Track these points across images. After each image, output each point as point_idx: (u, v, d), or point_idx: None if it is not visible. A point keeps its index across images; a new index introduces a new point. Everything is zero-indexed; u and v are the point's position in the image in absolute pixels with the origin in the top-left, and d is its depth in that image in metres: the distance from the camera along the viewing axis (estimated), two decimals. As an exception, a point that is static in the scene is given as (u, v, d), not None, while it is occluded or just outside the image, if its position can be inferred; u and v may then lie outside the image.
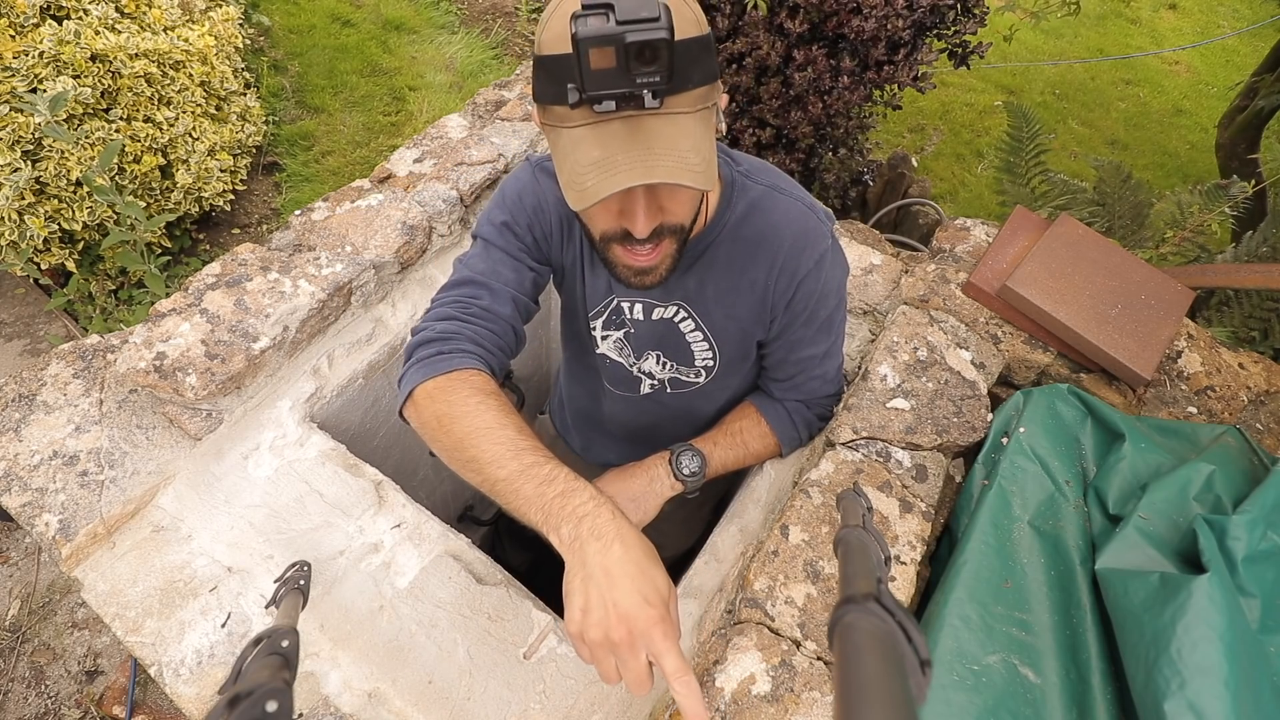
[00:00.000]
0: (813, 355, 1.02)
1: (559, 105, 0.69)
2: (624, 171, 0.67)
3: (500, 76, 2.59)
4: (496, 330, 0.91)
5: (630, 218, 0.76)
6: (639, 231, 0.76)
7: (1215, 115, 3.38)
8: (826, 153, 2.43)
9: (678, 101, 0.68)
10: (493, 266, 0.94)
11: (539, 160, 0.99)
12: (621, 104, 0.65)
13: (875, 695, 0.37)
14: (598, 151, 0.68)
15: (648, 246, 0.80)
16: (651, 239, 0.79)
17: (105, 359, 1.08)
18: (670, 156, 0.68)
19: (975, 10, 2.03)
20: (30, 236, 2.07)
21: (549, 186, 0.96)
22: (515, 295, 0.94)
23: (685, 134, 0.69)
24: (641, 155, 0.68)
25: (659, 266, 0.84)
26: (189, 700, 0.85)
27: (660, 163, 0.68)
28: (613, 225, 0.79)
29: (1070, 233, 1.26)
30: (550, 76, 0.68)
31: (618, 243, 0.81)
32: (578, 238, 0.98)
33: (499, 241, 0.95)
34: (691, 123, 0.70)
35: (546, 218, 0.97)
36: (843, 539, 0.67)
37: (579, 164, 0.69)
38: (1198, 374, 1.19)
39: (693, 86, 0.69)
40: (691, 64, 0.67)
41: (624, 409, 1.17)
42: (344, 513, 1.00)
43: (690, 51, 0.67)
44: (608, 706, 0.87)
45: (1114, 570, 0.86)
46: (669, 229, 0.80)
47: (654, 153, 0.68)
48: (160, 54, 2.28)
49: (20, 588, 1.92)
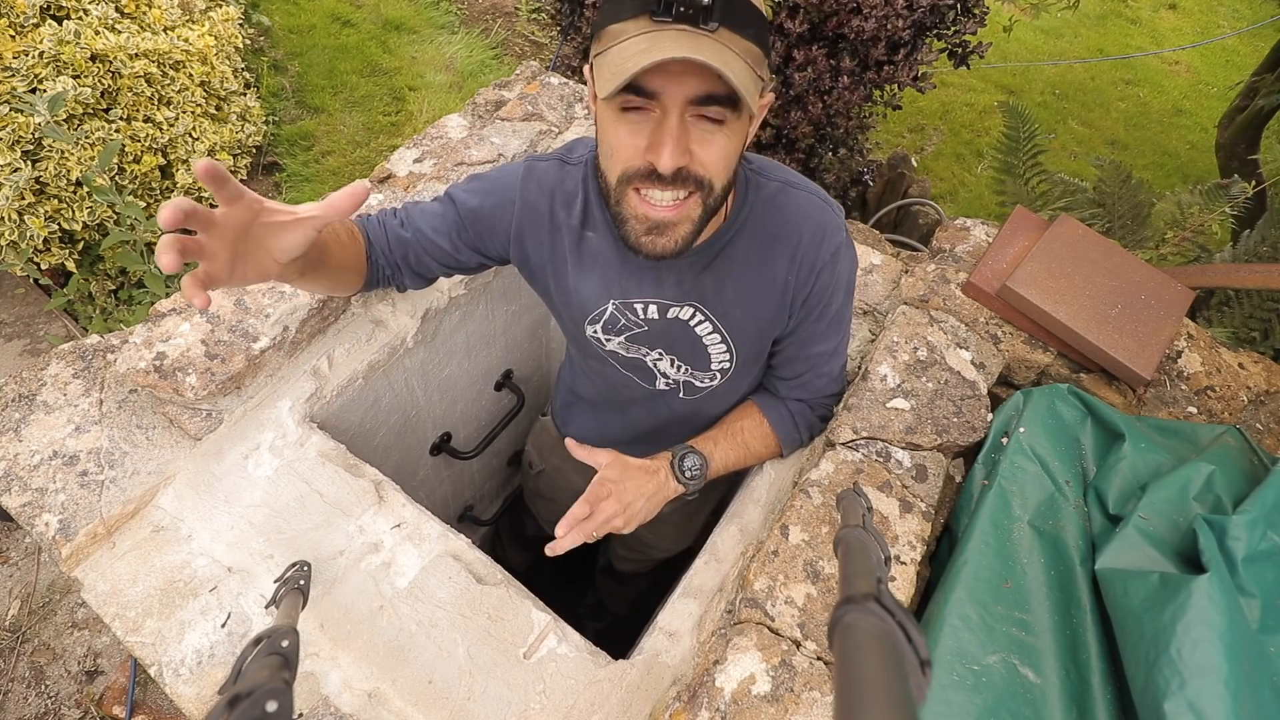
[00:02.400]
0: (822, 352, 1.02)
1: (618, 22, 0.71)
2: (670, 49, 0.66)
3: (500, 76, 2.59)
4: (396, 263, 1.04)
5: (657, 149, 0.73)
6: (665, 163, 0.72)
7: (1215, 115, 3.38)
8: (826, 153, 2.43)
9: (730, 39, 0.70)
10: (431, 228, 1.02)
11: (534, 159, 0.99)
12: (681, 12, 0.67)
13: (875, 695, 0.37)
14: (645, 44, 0.68)
15: (669, 197, 0.77)
16: (676, 184, 0.75)
17: (105, 359, 1.08)
18: (717, 58, 0.68)
19: (975, 10, 2.03)
20: (30, 236, 2.07)
21: (533, 187, 0.97)
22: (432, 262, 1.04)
23: (735, 58, 0.70)
24: (691, 47, 0.67)
25: (679, 225, 0.79)
26: (189, 700, 0.85)
27: (710, 56, 0.67)
28: (636, 160, 0.76)
29: (1070, 233, 1.26)
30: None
31: (635, 187, 0.77)
32: (564, 238, 0.98)
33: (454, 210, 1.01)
34: (737, 60, 0.70)
35: (509, 216, 0.99)
36: (843, 539, 0.68)
37: (623, 56, 0.70)
38: (1198, 374, 1.19)
39: (747, 36, 0.71)
40: (750, 15, 0.71)
41: (635, 406, 1.16)
42: (344, 513, 1.00)
43: (751, 9, 0.72)
44: (608, 707, 0.87)
45: (1114, 570, 0.86)
46: (695, 178, 0.76)
47: (704, 51, 0.68)
48: (160, 54, 2.28)
49: (20, 588, 1.92)
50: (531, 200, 0.97)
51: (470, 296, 1.35)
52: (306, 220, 0.76)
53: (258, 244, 0.76)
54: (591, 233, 0.96)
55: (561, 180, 0.97)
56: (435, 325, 1.29)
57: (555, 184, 0.97)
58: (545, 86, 1.56)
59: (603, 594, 1.90)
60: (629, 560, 1.63)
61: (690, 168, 0.75)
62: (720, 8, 0.68)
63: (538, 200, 0.97)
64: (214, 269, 0.71)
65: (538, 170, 0.98)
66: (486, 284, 1.38)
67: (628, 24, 0.71)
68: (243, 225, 0.73)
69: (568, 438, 1.05)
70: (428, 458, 1.53)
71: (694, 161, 0.75)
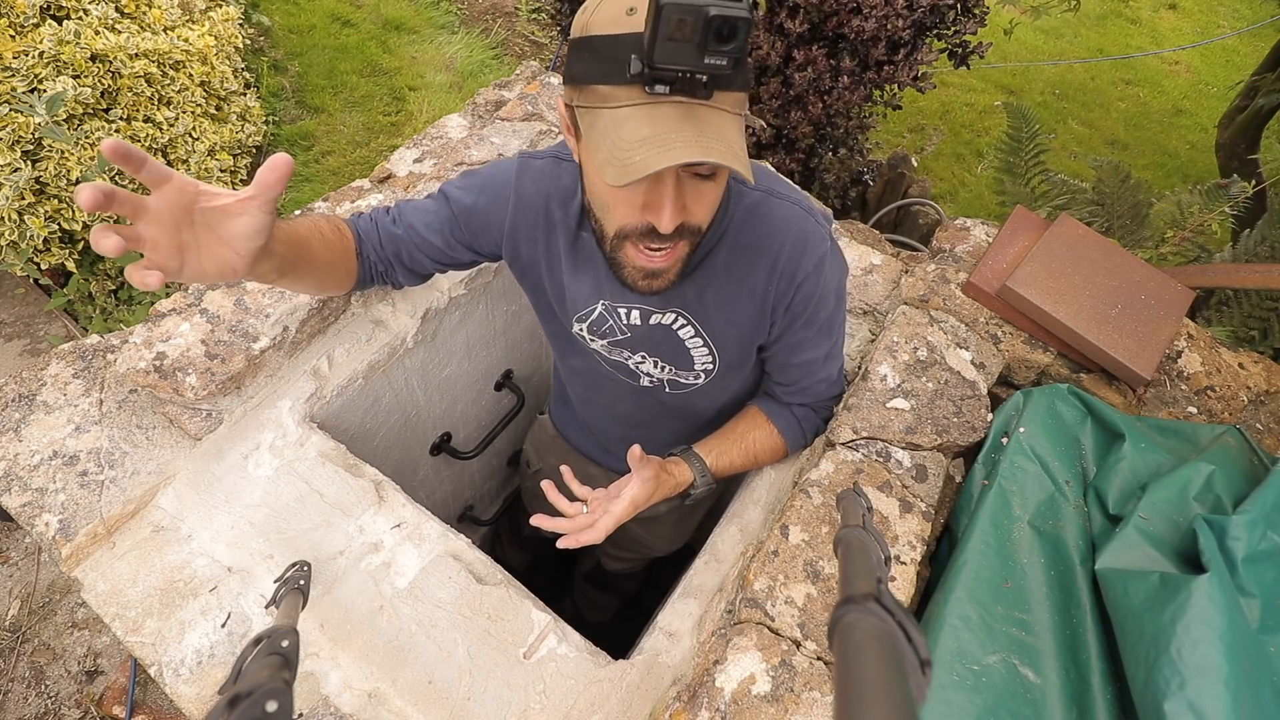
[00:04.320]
0: (814, 358, 1.02)
1: (606, 84, 0.69)
2: (679, 148, 0.66)
3: (500, 76, 2.59)
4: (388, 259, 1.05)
5: (656, 210, 0.74)
6: (664, 225, 0.74)
7: (1215, 115, 3.38)
8: (826, 153, 2.43)
9: (724, 99, 0.69)
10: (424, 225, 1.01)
11: (529, 156, 0.99)
12: (676, 89, 0.66)
13: (875, 695, 0.37)
14: (648, 129, 0.67)
15: (665, 248, 0.79)
16: (671, 238, 0.77)
17: (105, 359, 1.08)
18: (721, 142, 0.68)
19: (975, 10, 2.03)
20: (30, 236, 2.07)
21: (528, 184, 0.97)
22: (425, 259, 1.04)
23: (731, 128, 0.70)
24: (695, 135, 0.67)
25: (670, 270, 0.82)
26: (189, 700, 0.85)
27: (714, 145, 0.67)
28: (633, 219, 0.77)
29: (1070, 233, 1.26)
30: (600, 56, 0.68)
31: (633, 241, 0.79)
32: (559, 236, 0.98)
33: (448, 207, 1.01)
34: (734, 122, 0.70)
35: (503, 213, 0.98)
36: (843, 539, 0.68)
37: (625, 140, 0.68)
38: (1198, 374, 1.19)
39: (737, 89, 0.70)
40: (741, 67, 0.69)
41: (623, 400, 1.16)
42: (344, 513, 1.00)
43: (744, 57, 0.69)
44: (608, 707, 0.87)
45: (1114, 570, 0.86)
46: (688, 230, 0.78)
47: (706, 135, 0.67)
48: (160, 54, 2.28)
49: (20, 588, 1.92)
50: (526, 197, 0.97)
51: (470, 296, 1.35)
52: (248, 201, 0.72)
53: (208, 233, 0.72)
54: (586, 233, 0.96)
55: (557, 177, 0.97)
56: (435, 325, 1.29)
57: (551, 181, 0.97)
58: (545, 86, 1.56)
59: (581, 604, 1.88)
60: (620, 559, 1.62)
61: (686, 221, 0.77)
62: (728, 73, 0.66)
63: (532, 197, 0.97)
64: (158, 259, 0.69)
65: (532, 167, 0.98)
66: (487, 284, 1.38)
67: (619, 90, 0.68)
68: (179, 210, 0.69)
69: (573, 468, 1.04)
70: (428, 458, 1.53)
71: (688, 214, 0.77)
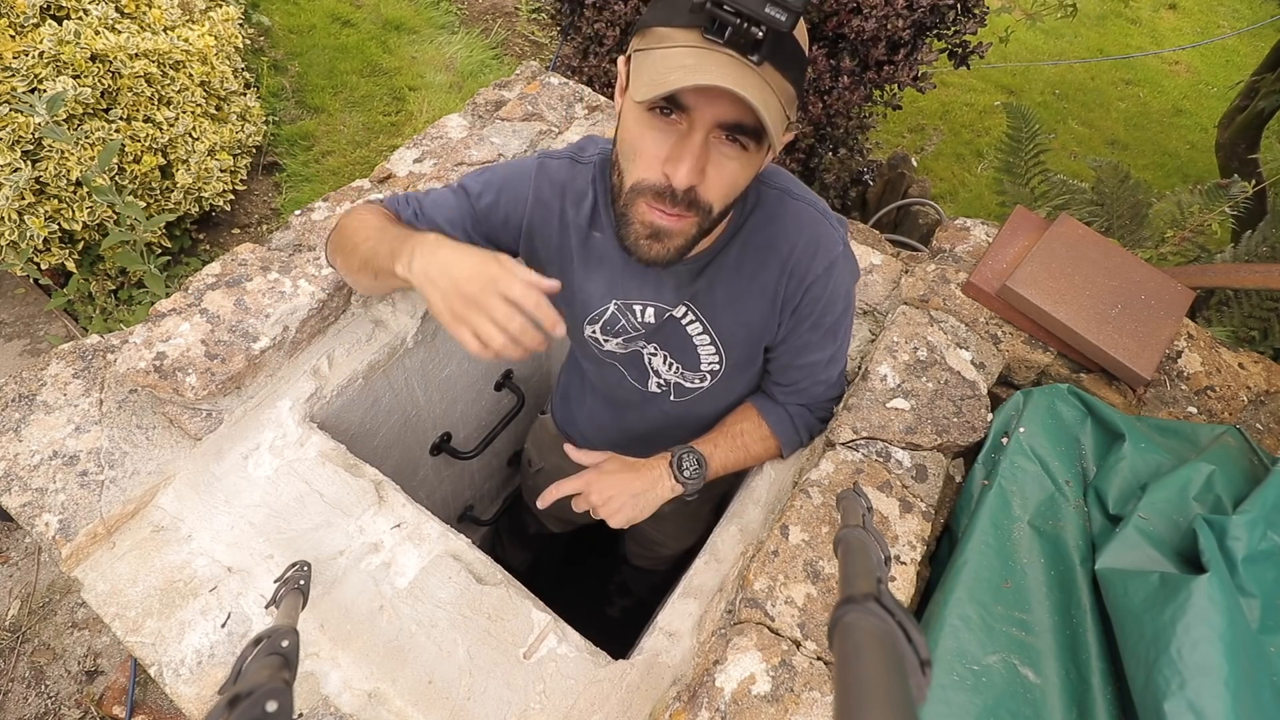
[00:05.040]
0: (817, 361, 1.02)
1: (666, 26, 0.72)
2: (715, 75, 0.67)
3: (500, 76, 2.58)
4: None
5: (675, 163, 0.74)
6: (680, 178, 0.74)
7: (1215, 115, 3.38)
8: (826, 153, 2.43)
9: (773, 76, 0.71)
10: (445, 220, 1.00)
11: (547, 155, 1.00)
12: (731, 40, 0.68)
13: (875, 695, 0.37)
14: (692, 60, 0.69)
15: (675, 211, 0.78)
16: (683, 202, 0.77)
17: (105, 359, 1.08)
18: (757, 93, 0.69)
19: (975, 10, 2.03)
20: (30, 236, 2.07)
21: (545, 184, 0.98)
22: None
23: (773, 102, 0.71)
24: (736, 77, 0.68)
25: (675, 237, 0.81)
26: (189, 700, 0.85)
27: (751, 91, 0.68)
28: (652, 173, 0.77)
29: (1070, 233, 1.26)
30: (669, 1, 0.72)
31: (646, 198, 0.79)
32: (571, 236, 0.98)
33: (469, 205, 1.01)
34: (773, 99, 0.71)
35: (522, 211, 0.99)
36: (843, 539, 0.68)
37: (666, 64, 0.70)
38: (1198, 374, 1.19)
39: (787, 77, 0.72)
40: (794, 57, 0.73)
41: (629, 409, 1.17)
42: (344, 513, 1.00)
43: (797, 48, 0.73)
44: (608, 707, 0.87)
45: (1114, 570, 0.86)
46: (700, 204, 0.78)
47: (746, 83, 0.68)
48: (160, 54, 2.28)
49: (20, 588, 1.92)
50: (543, 197, 0.98)
51: (470, 296, 1.35)
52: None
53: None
54: (598, 233, 0.97)
55: (572, 178, 0.97)
56: (435, 325, 1.29)
57: (566, 181, 0.97)
58: (545, 86, 1.56)
59: (626, 577, 1.95)
60: (640, 556, 1.67)
61: (698, 191, 0.77)
62: (770, 44, 0.68)
63: (549, 197, 0.98)
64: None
65: (550, 167, 0.98)
66: (486, 284, 1.38)
67: (677, 32, 0.71)
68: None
69: (566, 443, 1.06)
70: (428, 458, 1.53)
71: (704, 184, 0.77)
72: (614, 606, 2.01)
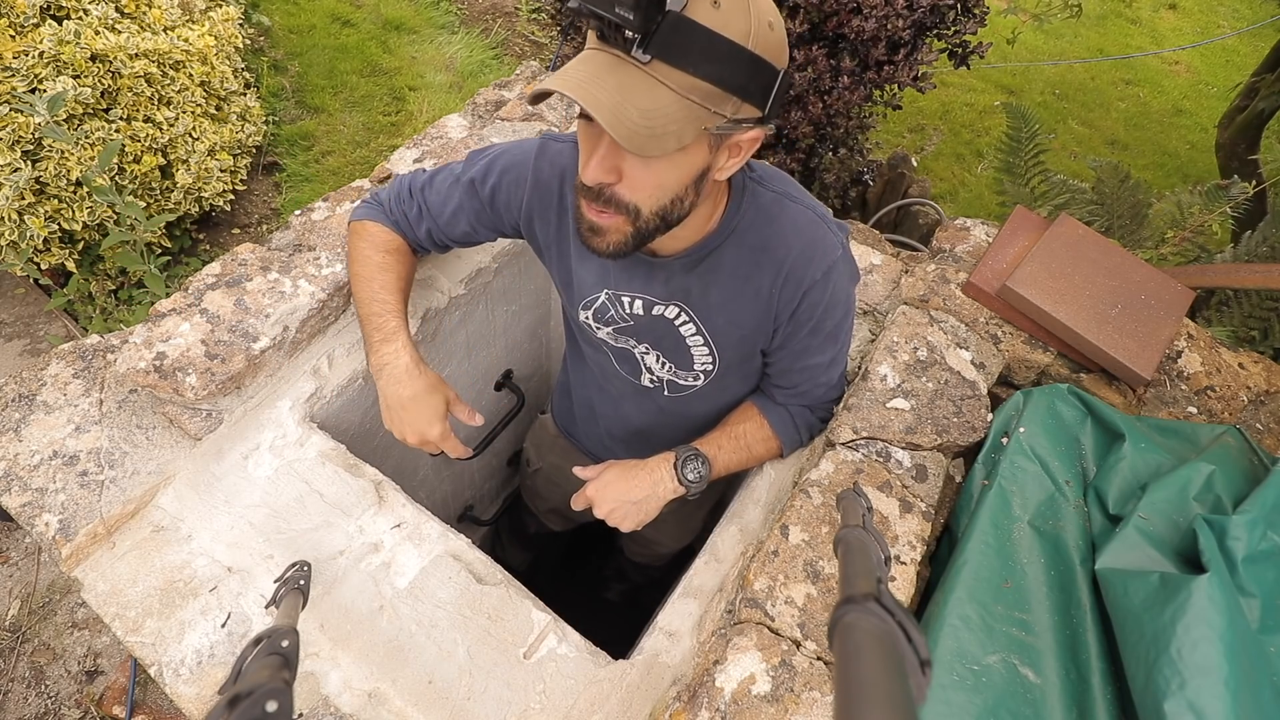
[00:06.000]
0: (818, 364, 1.02)
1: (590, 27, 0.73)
2: (582, 87, 0.67)
3: (500, 76, 2.58)
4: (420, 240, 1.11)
5: (584, 162, 0.77)
6: (587, 175, 0.76)
7: (1215, 115, 3.38)
8: (826, 153, 2.42)
9: (667, 73, 0.67)
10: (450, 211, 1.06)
11: (550, 138, 1.00)
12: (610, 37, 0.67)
13: (875, 695, 0.37)
14: (574, 63, 0.71)
15: (600, 206, 0.79)
16: (599, 200, 0.78)
17: (105, 359, 1.08)
18: (627, 106, 0.67)
19: (975, 10, 2.03)
20: (30, 236, 2.07)
21: (545, 166, 0.98)
22: (450, 241, 1.11)
23: (656, 101, 0.68)
24: (609, 89, 0.67)
25: (609, 235, 0.81)
26: (189, 700, 0.85)
27: (611, 101, 0.67)
28: (581, 172, 0.79)
29: (1070, 233, 1.26)
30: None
31: (582, 193, 0.81)
32: (568, 221, 0.99)
33: (472, 193, 1.04)
34: (670, 99, 0.68)
35: (522, 193, 1.00)
36: (843, 539, 0.68)
37: (566, 68, 0.71)
38: (1198, 374, 1.19)
39: (693, 73, 0.67)
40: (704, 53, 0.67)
41: (624, 399, 1.17)
42: (344, 513, 1.00)
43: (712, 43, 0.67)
44: (608, 707, 0.87)
45: (1114, 570, 0.86)
46: (620, 202, 0.78)
47: (618, 91, 0.67)
48: (160, 54, 2.28)
49: (20, 588, 1.92)
50: (543, 179, 0.98)
51: (470, 296, 1.35)
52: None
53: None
54: None
55: (573, 164, 0.97)
56: (435, 325, 1.29)
57: (567, 166, 0.98)
58: (545, 86, 1.56)
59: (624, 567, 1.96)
60: (639, 554, 1.68)
61: (615, 190, 0.77)
62: (659, 42, 0.65)
63: (549, 180, 0.98)
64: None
65: (551, 150, 0.99)
66: (487, 284, 1.38)
67: (590, 33, 0.71)
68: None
69: (575, 466, 1.10)
70: (428, 458, 1.53)
71: (622, 184, 0.77)
72: (611, 590, 2.01)
